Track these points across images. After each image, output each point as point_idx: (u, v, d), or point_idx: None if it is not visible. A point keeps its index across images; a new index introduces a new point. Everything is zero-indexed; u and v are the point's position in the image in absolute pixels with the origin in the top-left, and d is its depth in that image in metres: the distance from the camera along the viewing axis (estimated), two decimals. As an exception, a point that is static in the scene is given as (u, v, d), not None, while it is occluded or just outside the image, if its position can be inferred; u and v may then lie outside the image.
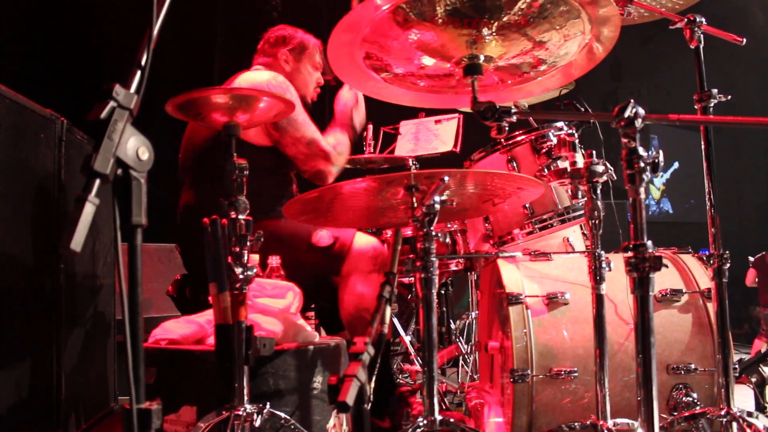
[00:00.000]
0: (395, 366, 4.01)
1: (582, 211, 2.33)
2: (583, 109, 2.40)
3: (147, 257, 3.91)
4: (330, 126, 2.77)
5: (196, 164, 2.57)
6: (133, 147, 0.85)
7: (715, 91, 1.95)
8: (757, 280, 5.88)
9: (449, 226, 2.88)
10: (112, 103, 0.85)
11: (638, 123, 1.22)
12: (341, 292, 2.49)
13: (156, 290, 3.81)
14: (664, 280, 2.16)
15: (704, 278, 2.16)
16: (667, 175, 9.31)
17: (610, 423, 1.74)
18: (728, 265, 1.90)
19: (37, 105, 2.35)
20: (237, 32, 2.84)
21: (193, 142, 2.59)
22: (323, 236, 2.49)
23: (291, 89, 2.57)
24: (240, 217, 1.69)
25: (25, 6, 4.26)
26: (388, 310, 1.46)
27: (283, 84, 2.55)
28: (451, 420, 1.58)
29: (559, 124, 2.40)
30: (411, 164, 3.42)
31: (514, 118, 1.41)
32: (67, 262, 2.55)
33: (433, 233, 1.59)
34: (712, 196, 1.95)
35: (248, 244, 1.70)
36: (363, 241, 2.52)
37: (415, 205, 1.61)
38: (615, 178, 1.83)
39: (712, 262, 1.90)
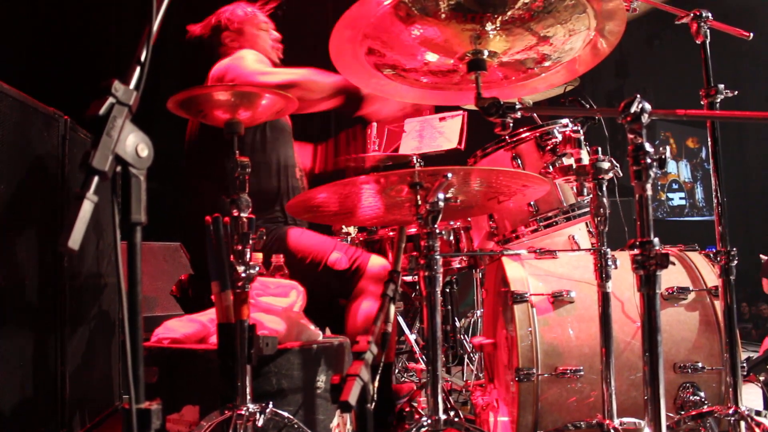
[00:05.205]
0: (400, 364, 4.00)
1: (587, 209, 2.30)
2: (588, 106, 2.38)
3: (152, 256, 3.91)
4: None
5: (194, 161, 2.56)
6: (133, 144, 0.84)
7: (721, 86, 1.93)
8: None
9: (452, 223, 2.86)
10: (110, 100, 0.84)
11: (644, 118, 1.21)
12: (350, 311, 2.42)
13: (161, 289, 3.81)
14: (670, 277, 2.14)
15: (711, 276, 2.15)
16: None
17: (616, 422, 1.72)
18: (735, 262, 1.88)
19: (40, 103, 2.35)
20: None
21: (190, 138, 2.58)
22: (340, 259, 2.42)
23: (251, 52, 2.55)
24: (242, 215, 1.68)
25: (30, 5, 4.27)
26: (392, 309, 1.45)
27: (238, 57, 2.52)
28: (456, 419, 1.57)
29: (564, 120, 2.38)
30: (415, 162, 3.40)
31: (518, 115, 1.40)
32: (71, 261, 2.55)
33: (437, 231, 1.58)
34: (719, 193, 1.93)
35: (251, 242, 1.68)
36: (377, 263, 2.46)
37: (419, 202, 1.60)
38: (621, 174, 1.82)
39: (719, 259, 1.88)
